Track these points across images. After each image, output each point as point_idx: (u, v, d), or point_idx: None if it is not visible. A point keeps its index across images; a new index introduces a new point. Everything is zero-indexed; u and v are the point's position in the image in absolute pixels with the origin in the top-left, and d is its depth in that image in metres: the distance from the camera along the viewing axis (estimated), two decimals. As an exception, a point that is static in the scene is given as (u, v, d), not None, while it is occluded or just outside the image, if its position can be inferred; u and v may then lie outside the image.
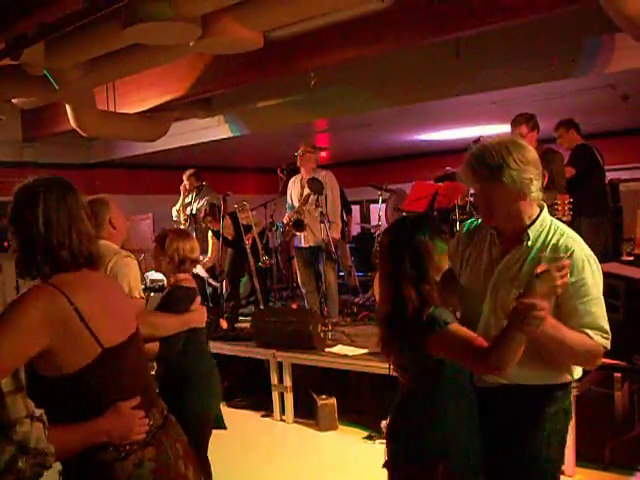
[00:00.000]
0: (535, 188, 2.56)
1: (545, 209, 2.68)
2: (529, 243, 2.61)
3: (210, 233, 8.15)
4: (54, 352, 2.03)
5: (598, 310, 2.54)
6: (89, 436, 2.10)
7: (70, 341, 2.05)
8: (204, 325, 3.93)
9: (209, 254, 8.26)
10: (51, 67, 5.86)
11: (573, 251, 2.53)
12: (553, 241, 2.59)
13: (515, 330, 2.28)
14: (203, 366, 3.93)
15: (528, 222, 2.63)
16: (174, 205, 9.36)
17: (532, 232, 2.61)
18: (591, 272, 2.54)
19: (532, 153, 2.59)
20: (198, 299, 3.93)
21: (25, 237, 2.14)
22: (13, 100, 7.41)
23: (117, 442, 2.13)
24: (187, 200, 9.03)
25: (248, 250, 7.67)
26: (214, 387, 3.99)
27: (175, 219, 9.23)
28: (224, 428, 4.07)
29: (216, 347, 6.90)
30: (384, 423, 5.70)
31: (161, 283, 6.98)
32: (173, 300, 3.87)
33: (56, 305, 2.05)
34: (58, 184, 2.22)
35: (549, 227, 2.64)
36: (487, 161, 2.55)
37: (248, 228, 7.81)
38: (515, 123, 6.23)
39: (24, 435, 1.89)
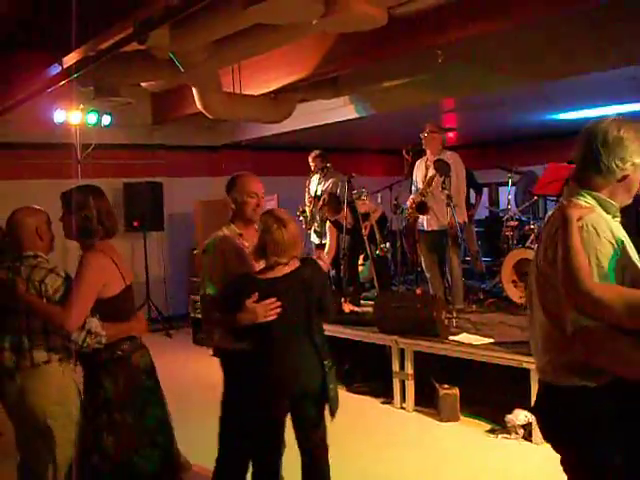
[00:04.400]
0: None
1: None
2: None
3: (328, 223, 8.08)
4: (105, 285, 3.49)
5: None
6: (124, 330, 3.56)
7: (112, 278, 3.53)
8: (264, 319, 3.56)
9: (328, 246, 8.21)
10: (176, 50, 5.93)
11: None
12: None
13: None
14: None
15: None
16: (298, 186, 9.35)
17: None
18: None
19: None
20: (254, 296, 3.53)
21: (91, 221, 3.54)
22: (143, 84, 7.57)
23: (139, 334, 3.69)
24: (312, 181, 9.01)
25: (365, 238, 7.56)
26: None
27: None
28: None
29: (337, 331, 6.88)
30: (508, 417, 5.48)
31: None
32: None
33: (102, 259, 3.53)
34: (98, 192, 3.65)
35: None
36: None
37: (366, 216, 7.69)
38: None
39: (89, 325, 3.39)
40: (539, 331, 2.53)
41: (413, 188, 7.81)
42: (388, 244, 7.58)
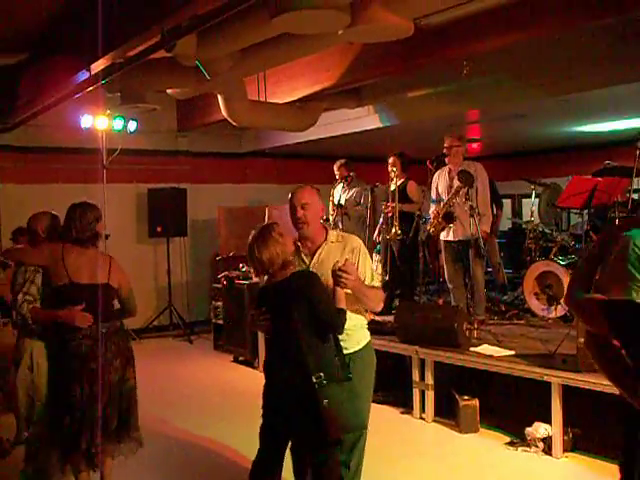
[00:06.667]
0: None
1: None
2: None
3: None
4: (50, 272, 4.32)
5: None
6: (54, 316, 4.29)
7: (57, 270, 4.26)
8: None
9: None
10: (203, 58, 5.99)
11: None
12: None
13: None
14: None
15: None
16: (322, 195, 9.35)
17: None
18: None
19: None
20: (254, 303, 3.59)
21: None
22: (168, 91, 7.64)
23: (72, 324, 4.19)
24: (336, 190, 9.02)
25: (387, 217, 7.71)
26: None
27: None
28: None
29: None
30: (528, 430, 5.45)
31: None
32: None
33: (55, 252, 4.31)
34: (75, 207, 4.44)
35: None
36: None
37: (404, 196, 7.83)
38: None
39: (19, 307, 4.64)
40: None
41: (432, 199, 7.79)
42: (400, 232, 7.58)
